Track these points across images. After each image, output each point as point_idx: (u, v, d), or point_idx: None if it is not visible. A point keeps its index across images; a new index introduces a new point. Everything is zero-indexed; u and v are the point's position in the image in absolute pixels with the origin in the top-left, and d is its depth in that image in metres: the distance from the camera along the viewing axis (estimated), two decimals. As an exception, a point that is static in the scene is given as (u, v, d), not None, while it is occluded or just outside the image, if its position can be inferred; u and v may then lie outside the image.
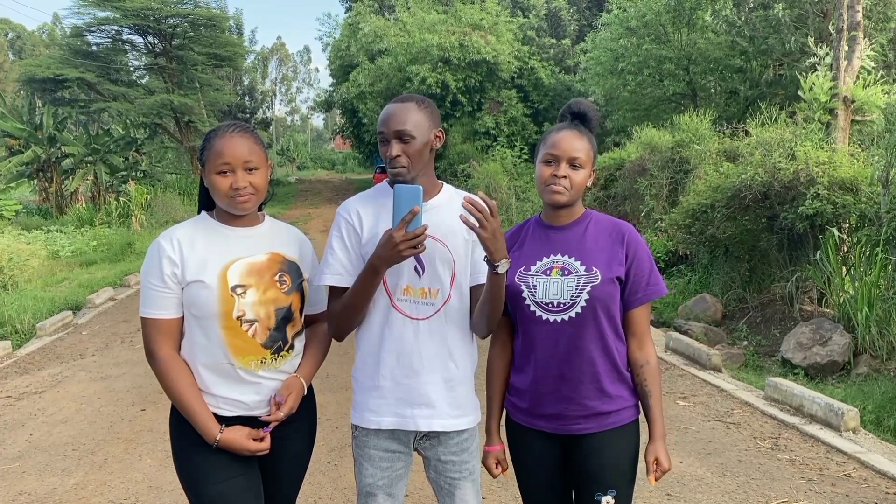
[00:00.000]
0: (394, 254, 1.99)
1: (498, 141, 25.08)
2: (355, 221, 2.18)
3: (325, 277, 2.17)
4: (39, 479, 4.38)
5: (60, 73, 25.31)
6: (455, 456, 2.24)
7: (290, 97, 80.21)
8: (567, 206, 2.19)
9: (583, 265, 2.15)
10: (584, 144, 2.16)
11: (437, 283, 2.16)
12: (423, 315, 2.16)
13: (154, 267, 2.09)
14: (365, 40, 28.58)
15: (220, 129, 2.12)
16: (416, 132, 2.11)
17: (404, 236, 1.97)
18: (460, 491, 2.25)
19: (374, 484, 2.20)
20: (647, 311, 2.22)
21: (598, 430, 2.15)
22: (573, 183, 2.15)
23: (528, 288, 2.17)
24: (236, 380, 2.12)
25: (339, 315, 2.15)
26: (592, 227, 2.22)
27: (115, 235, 15.96)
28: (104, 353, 7.40)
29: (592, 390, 2.14)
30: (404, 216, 1.97)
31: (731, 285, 8.67)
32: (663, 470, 2.13)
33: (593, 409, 2.15)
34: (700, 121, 11.69)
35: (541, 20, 28.88)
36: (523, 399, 2.23)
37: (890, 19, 13.15)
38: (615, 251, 2.17)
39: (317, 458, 2.59)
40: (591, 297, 2.11)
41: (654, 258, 2.27)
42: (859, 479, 4.16)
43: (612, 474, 2.16)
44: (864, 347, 6.30)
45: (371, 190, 2.29)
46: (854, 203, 7.07)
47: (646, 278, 2.17)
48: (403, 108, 2.12)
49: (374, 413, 2.18)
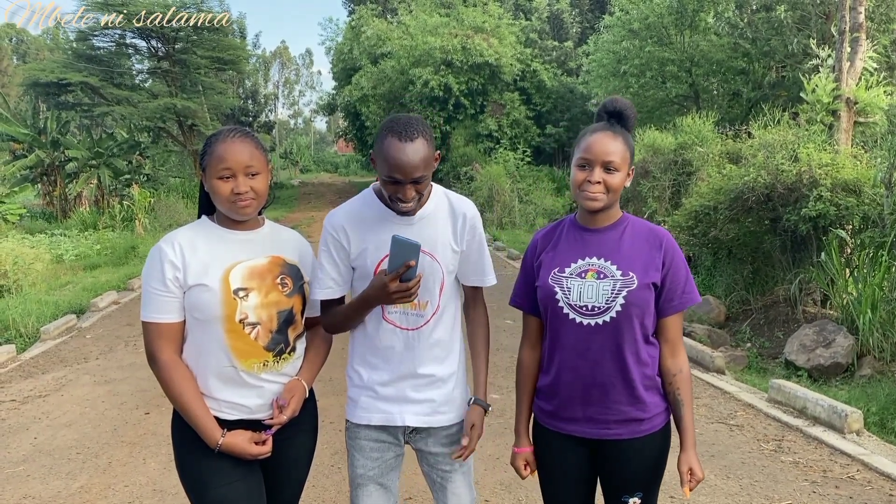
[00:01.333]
0: (387, 299, 2.08)
1: (501, 143, 25.11)
2: (342, 238, 2.20)
3: (317, 293, 2.23)
4: (44, 482, 4.39)
5: (64, 77, 25.34)
6: (445, 448, 2.30)
7: (292, 100, 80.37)
8: (603, 210, 2.15)
9: (619, 269, 2.11)
10: (618, 146, 2.09)
11: (426, 296, 2.21)
12: (413, 326, 2.23)
13: (156, 271, 2.09)
14: (367, 43, 28.64)
15: (220, 134, 2.12)
16: (428, 170, 2.08)
17: (398, 287, 2.04)
18: (452, 484, 2.31)
19: (364, 475, 2.25)
20: (681, 319, 2.20)
21: (629, 437, 2.14)
22: (608, 187, 2.09)
23: (562, 290, 2.14)
24: (239, 383, 2.13)
25: (333, 327, 2.28)
26: (629, 231, 2.18)
27: (118, 239, 15.96)
28: (108, 357, 7.41)
29: (625, 396, 2.12)
30: (399, 268, 2.01)
31: (734, 287, 8.66)
32: (698, 480, 2.11)
33: (626, 415, 2.13)
34: (703, 123, 11.69)
35: (543, 23, 28.91)
36: (551, 402, 2.22)
37: (892, 21, 13.14)
38: (652, 257, 2.13)
39: (320, 461, 2.60)
40: (627, 302, 2.08)
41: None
42: (863, 481, 4.15)
43: (641, 479, 2.16)
44: (867, 349, 6.29)
45: (357, 200, 2.27)
46: (857, 205, 7.05)
47: (682, 286, 2.15)
48: (416, 151, 2.02)
49: (365, 410, 2.25)
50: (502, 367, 6.25)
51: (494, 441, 4.69)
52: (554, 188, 20.95)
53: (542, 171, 24.08)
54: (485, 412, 2.31)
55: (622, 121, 2.16)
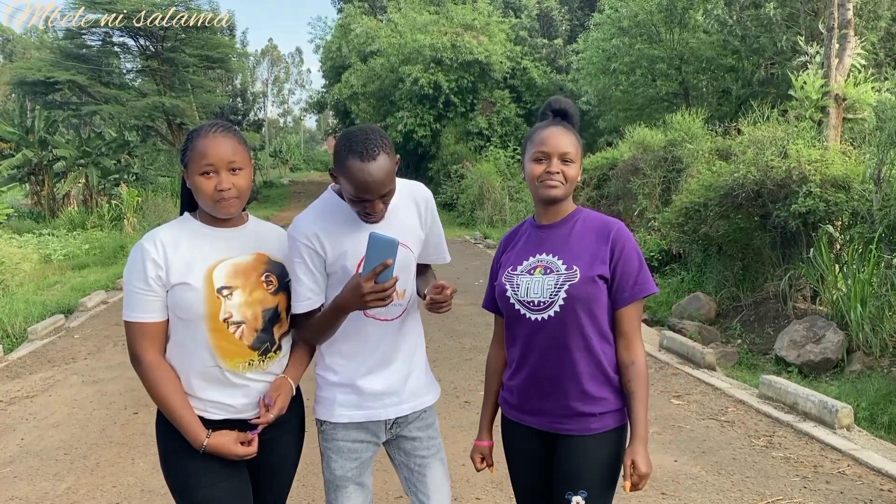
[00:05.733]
0: (360, 303, 2.02)
1: (491, 141, 25.11)
2: (317, 246, 2.14)
3: (297, 306, 2.17)
4: (31, 483, 4.35)
5: (51, 75, 25.20)
6: (421, 432, 2.31)
7: (282, 98, 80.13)
8: (561, 200, 2.19)
9: (564, 264, 2.13)
10: (572, 139, 2.16)
11: (404, 285, 2.23)
12: (393, 315, 2.23)
13: (138, 270, 2.04)
14: (357, 41, 28.58)
15: (202, 129, 2.08)
16: (393, 182, 2.08)
17: (373, 288, 1.98)
18: (431, 471, 2.30)
19: (343, 475, 2.23)
20: (637, 310, 2.17)
21: (579, 433, 2.13)
22: (567, 177, 2.14)
23: (511, 287, 2.19)
24: (224, 383, 2.09)
25: (311, 338, 2.24)
26: (580, 225, 2.20)
27: (107, 238, 15.89)
28: (96, 357, 7.36)
29: (574, 390, 2.12)
30: (375, 267, 1.96)
31: (724, 284, 8.67)
32: (640, 474, 2.04)
33: (575, 410, 2.13)
34: (692, 120, 11.70)
35: (533, 20, 28.89)
36: (512, 395, 2.26)
37: (880, 17, 13.19)
38: (599, 249, 2.14)
39: (310, 460, 2.57)
40: (569, 296, 2.09)
41: (645, 257, 2.25)
42: (854, 476, 4.16)
43: (587, 477, 2.11)
44: (857, 345, 6.31)
45: (321, 206, 2.22)
46: (846, 201, 7.07)
47: (633, 277, 2.13)
48: (380, 168, 1.99)
49: (345, 407, 2.22)
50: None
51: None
52: (544, 186, 20.91)
53: (532, 169, 24.06)
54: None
55: (567, 118, 2.23)
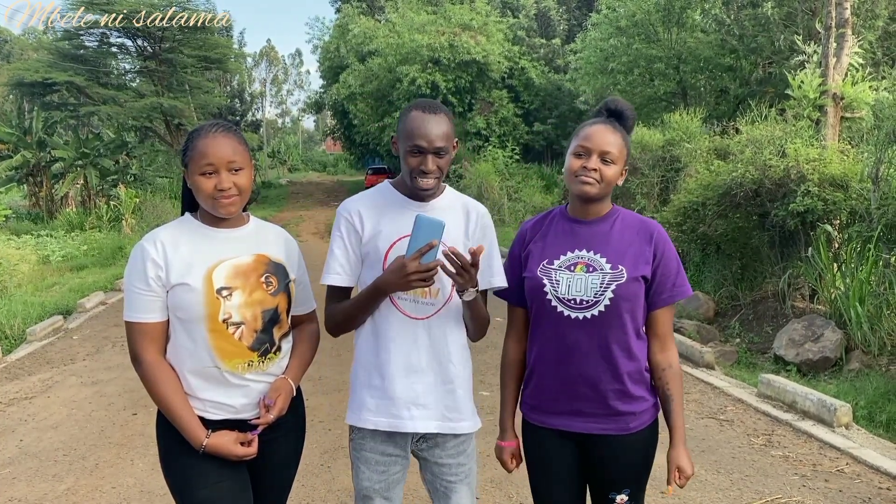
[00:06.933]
0: (403, 282, 2.01)
1: (489, 141, 25.14)
2: (356, 221, 2.17)
3: (325, 277, 2.18)
4: (30, 484, 4.34)
5: (49, 76, 25.19)
6: (452, 459, 2.22)
7: (280, 99, 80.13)
8: (596, 199, 2.13)
9: (608, 262, 2.09)
10: (617, 140, 2.10)
11: (437, 283, 2.13)
12: (422, 315, 2.15)
13: (138, 270, 2.04)
14: (354, 42, 28.60)
15: (203, 129, 2.08)
16: (449, 145, 2.09)
17: (417, 268, 1.97)
18: (456, 495, 2.23)
19: (370, 487, 2.19)
20: (672, 312, 2.18)
21: (617, 433, 2.12)
22: (604, 176, 2.09)
23: (550, 283, 2.12)
24: (223, 383, 2.09)
25: (339, 319, 2.18)
26: (620, 223, 2.16)
27: (105, 239, 15.87)
28: (95, 358, 7.35)
29: (613, 390, 2.10)
30: (421, 247, 1.95)
31: (723, 283, 8.68)
32: (686, 477, 2.10)
33: (614, 409, 2.11)
34: (690, 119, 11.72)
35: (530, 20, 28.93)
36: (536, 395, 2.20)
37: (878, 16, 13.22)
38: (642, 249, 2.11)
39: (310, 461, 2.57)
40: (616, 296, 2.06)
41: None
42: (852, 474, 4.17)
43: (629, 475, 2.14)
44: (855, 343, 6.32)
45: (373, 190, 2.26)
46: (844, 200, 7.09)
47: (672, 279, 2.12)
48: (439, 123, 2.06)
49: (372, 413, 2.16)
50: (492, 364, 6.23)
51: (484, 438, 4.64)
52: (543, 185, 20.97)
53: (531, 169, 24.13)
54: None
55: (622, 121, 2.16)
